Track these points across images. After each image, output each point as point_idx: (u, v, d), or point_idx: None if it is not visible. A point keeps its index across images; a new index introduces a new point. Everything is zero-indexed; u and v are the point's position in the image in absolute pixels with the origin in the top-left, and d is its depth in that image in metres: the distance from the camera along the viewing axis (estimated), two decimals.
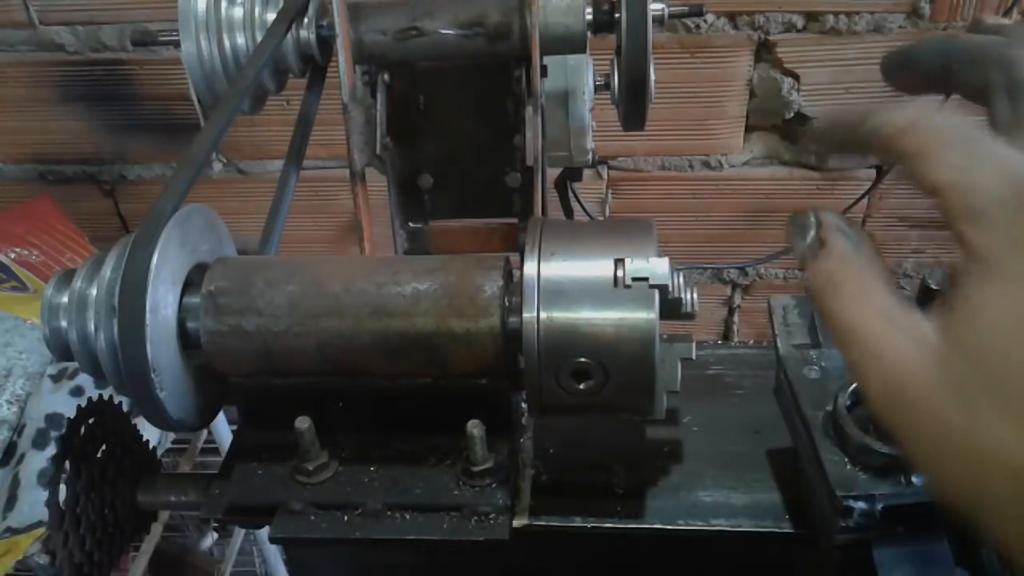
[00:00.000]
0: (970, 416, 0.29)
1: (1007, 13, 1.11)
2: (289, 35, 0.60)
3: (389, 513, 0.48)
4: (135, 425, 0.57)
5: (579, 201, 1.15)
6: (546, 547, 0.52)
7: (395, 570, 0.55)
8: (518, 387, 0.49)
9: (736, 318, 1.45)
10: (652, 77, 0.59)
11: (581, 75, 0.69)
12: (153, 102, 1.28)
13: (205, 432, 1.26)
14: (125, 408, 0.56)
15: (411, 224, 0.69)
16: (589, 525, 0.50)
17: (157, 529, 1.17)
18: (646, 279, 0.43)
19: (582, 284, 0.44)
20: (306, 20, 0.60)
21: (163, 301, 0.45)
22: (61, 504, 0.51)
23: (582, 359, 0.43)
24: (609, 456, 0.53)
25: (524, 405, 0.52)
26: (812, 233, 0.37)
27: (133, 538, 0.57)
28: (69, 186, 1.37)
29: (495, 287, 0.46)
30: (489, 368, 0.47)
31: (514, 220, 0.69)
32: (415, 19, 0.60)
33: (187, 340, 0.47)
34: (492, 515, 0.47)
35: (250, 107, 0.63)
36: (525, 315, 0.43)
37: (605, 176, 1.30)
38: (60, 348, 0.47)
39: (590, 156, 0.72)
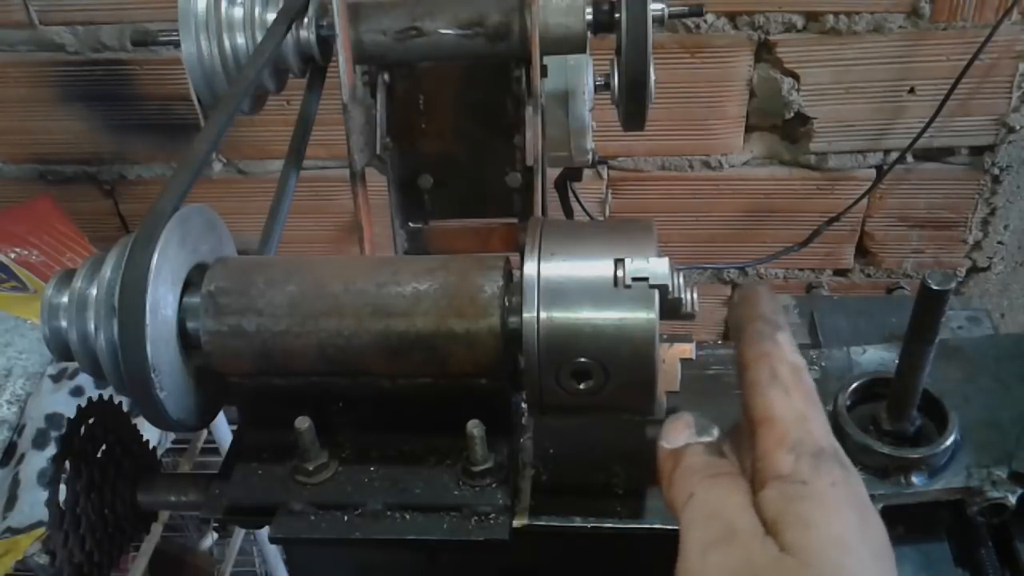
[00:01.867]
0: None
1: (1007, 13, 1.11)
2: (289, 35, 0.60)
3: (389, 513, 0.48)
4: (135, 425, 0.57)
5: (579, 201, 1.15)
6: (546, 547, 0.52)
7: (395, 570, 0.55)
8: (518, 387, 0.49)
9: None
10: (652, 77, 0.59)
11: (581, 75, 0.69)
12: (153, 102, 1.28)
13: (205, 432, 1.26)
14: (125, 408, 0.56)
15: (411, 224, 0.69)
16: (589, 525, 0.50)
17: (157, 529, 1.17)
18: (646, 279, 0.43)
19: (582, 284, 0.44)
20: (306, 20, 0.60)
21: (163, 301, 0.45)
22: (61, 504, 0.51)
23: (582, 359, 0.43)
24: (609, 456, 0.53)
25: (524, 405, 0.52)
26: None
27: (133, 538, 0.57)
28: (69, 186, 1.37)
29: (495, 287, 0.46)
30: (489, 368, 0.47)
31: (514, 220, 0.69)
32: (415, 19, 0.60)
33: (187, 340, 0.47)
34: (492, 515, 0.47)
35: (250, 107, 0.63)
36: (525, 315, 0.43)
37: (605, 176, 1.30)
38: (60, 348, 0.47)
39: (590, 156, 0.72)
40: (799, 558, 0.33)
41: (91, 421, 0.53)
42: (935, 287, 0.46)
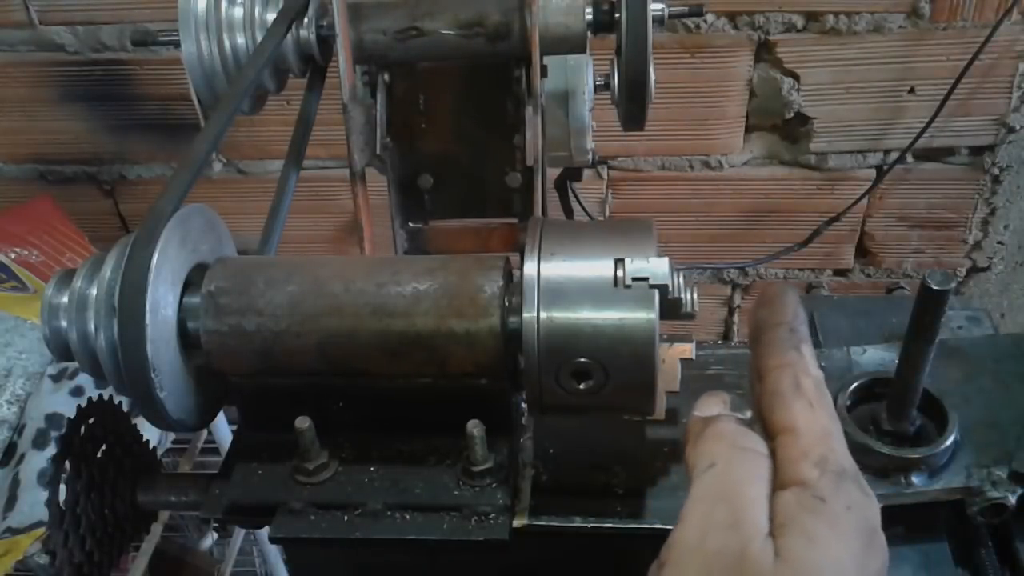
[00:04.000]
0: None
1: (1007, 13, 1.11)
2: (289, 35, 0.60)
3: (389, 513, 0.48)
4: (135, 425, 0.57)
5: (579, 201, 1.15)
6: (546, 547, 0.52)
7: (395, 570, 0.55)
8: (518, 387, 0.49)
9: (736, 318, 1.45)
10: (652, 77, 0.59)
11: (581, 75, 0.69)
12: (153, 102, 1.28)
13: (205, 432, 1.26)
14: (125, 408, 0.56)
15: (411, 224, 0.69)
16: (589, 525, 0.50)
17: (157, 529, 1.16)
18: (646, 279, 0.43)
19: (582, 284, 0.44)
20: (306, 20, 0.60)
21: (163, 301, 0.45)
22: (61, 504, 0.51)
23: (582, 359, 0.43)
24: (609, 456, 0.53)
25: (524, 405, 0.52)
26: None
27: (133, 538, 0.57)
28: (69, 186, 1.37)
29: (495, 287, 0.46)
30: (489, 368, 0.47)
31: (514, 220, 0.69)
32: (415, 19, 0.60)
33: (187, 340, 0.47)
34: (492, 515, 0.47)
35: (250, 107, 0.63)
36: (525, 315, 0.43)
37: (605, 176, 1.30)
38: (60, 348, 0.47)
39: (590, 156, 0.72)
40: (793, 569, 0.34)
41: (91, 421, 0.53)
42: (935, 287, 0.46)
